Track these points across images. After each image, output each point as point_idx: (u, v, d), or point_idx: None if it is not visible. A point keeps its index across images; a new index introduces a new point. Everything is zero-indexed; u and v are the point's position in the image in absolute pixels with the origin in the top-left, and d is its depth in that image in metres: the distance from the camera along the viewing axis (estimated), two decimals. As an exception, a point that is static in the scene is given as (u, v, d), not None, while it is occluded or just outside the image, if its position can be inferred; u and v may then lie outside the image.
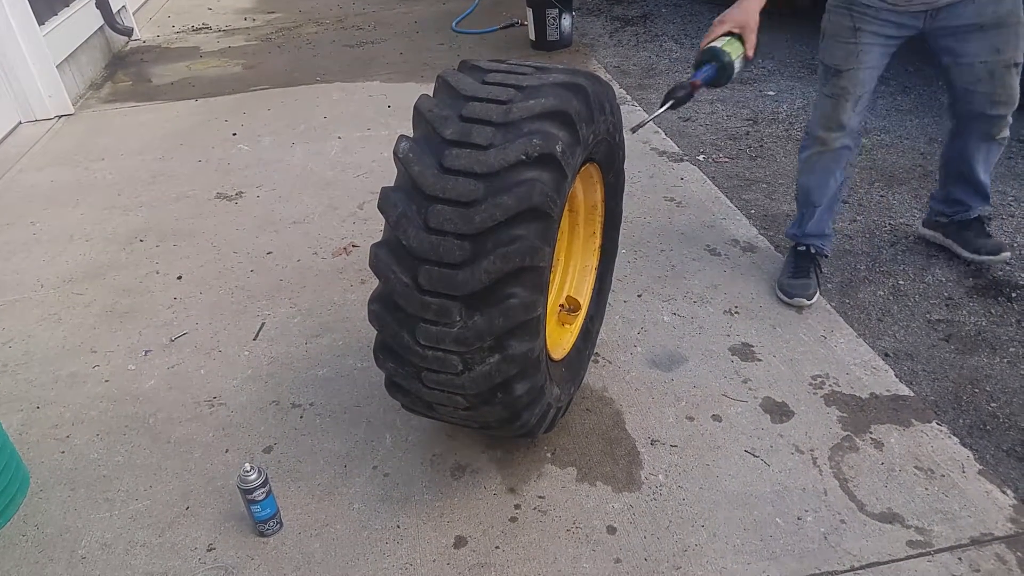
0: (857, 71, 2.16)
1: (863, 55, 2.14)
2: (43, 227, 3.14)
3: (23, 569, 1.70)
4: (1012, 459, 1.85)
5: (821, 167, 2.34)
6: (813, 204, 2.40)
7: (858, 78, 2.17)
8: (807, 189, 2.40)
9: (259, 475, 1.66)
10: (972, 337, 2.25)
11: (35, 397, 2.20)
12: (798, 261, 2.44)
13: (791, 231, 2.52)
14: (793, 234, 2.50)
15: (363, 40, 5.40)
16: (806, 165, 2.38)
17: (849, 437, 1.89)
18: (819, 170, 2.34)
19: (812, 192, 2.38)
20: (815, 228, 2.44)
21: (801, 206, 2.46)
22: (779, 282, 2.43)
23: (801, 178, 2.42)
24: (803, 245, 2.46)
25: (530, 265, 1.42)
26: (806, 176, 2.39)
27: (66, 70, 4.46)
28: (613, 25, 5.46)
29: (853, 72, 2.16)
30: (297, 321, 2.45)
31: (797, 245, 2.48)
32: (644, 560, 1.62)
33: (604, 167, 1.83)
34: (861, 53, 2.14)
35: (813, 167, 2.35)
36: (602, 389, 2.09)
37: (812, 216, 2.43)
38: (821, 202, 2.39)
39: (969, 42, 2.07)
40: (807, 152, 2.36)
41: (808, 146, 2.36)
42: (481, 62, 1.65)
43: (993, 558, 1.58)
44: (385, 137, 3.73)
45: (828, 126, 2.26)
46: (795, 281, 2.38)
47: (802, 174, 2.41)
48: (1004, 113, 2.19)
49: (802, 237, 2.46)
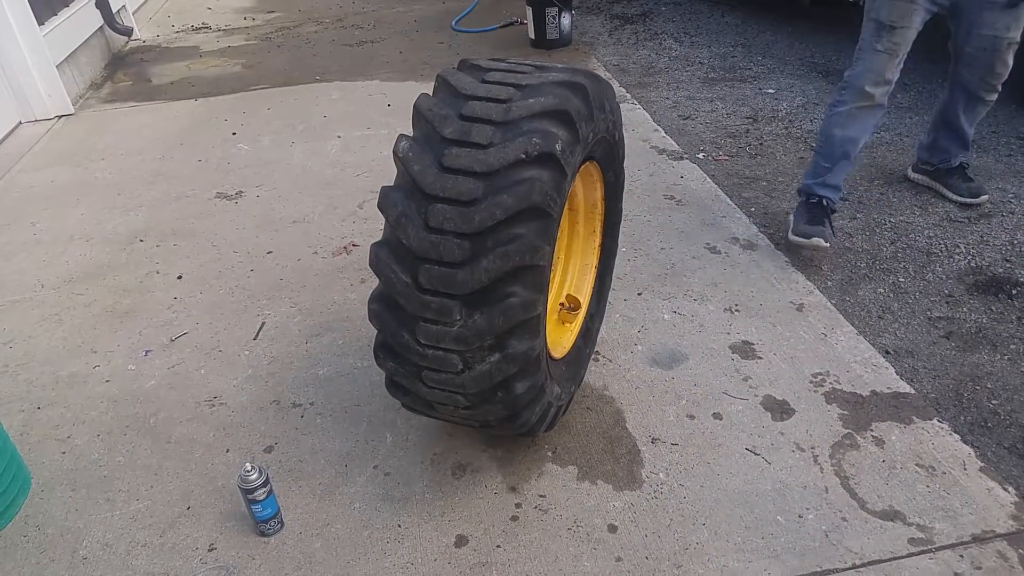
0: (908, 30, 2.36)
1: (915, 16, 2.35)
2: (43, 227, 3.14)
3: (24, 570, 1.70)
4: (1013, 456, 1.85)
5: (862, 121, 2.48)
6: (847, 156, 2.54)
7: (907, 36, 2.38)
8: (843, 141, 2.52)
9: (260, 475, 1.66)
10: (973, 334, 2.25)
11: (36, 398, 2.21)
12: (812, 211, 2.58)
13: (809, 183, 2.62)
14: (809, 186, 2.61)
15: (363, 39, 5.40)
16: (847, 118, 2.49)
17: (850, 435, 1.89)
18: (860, 123, 2.49)
19: (848, 144, 2.51)
20: (835, 179, 2.57)
21: (827, 159, 2.56)
22: (794, 229, 2.55)
23: (837, 131, 2.52)
24: (816, 197, 2.59)
25: (530, 264, 1.42)
26: (844, 129, 2.51)
27: (66, 70, 4.46)
28: (613, 23, 5.46)
29: (905, 30, 2.36)
30: (297, 320, 2.45)
31: (810, 198, 2.60)
32: (645, 559, 1.62)
33: (604, 165, 1.83)
34: (914, 14, 2.35)
35: (854, 120, 2.48)
36: (603, 387, 2.08)
37: (839, 168, 2.55)
38: (853, 154, 2.54)
39: (991, 15, 2.40)
40: (848, 106, 2.49)
41: (849, 100, 2.48)
42: (481, 61, 1.65)
43: (995, 555, 1.58)
44: (385, 136, 3.73)
45: (877, 80, 2.42)
46: (811, 226, 2.51)
47: (839, 127, 2.52)
48: (996, 82, 2.55)
49: (820, 188, 2.58)
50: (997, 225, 2.73)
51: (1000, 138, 3.32)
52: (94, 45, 5.04)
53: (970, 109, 2.69)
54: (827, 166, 2.56)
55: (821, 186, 2.58)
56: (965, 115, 2.70)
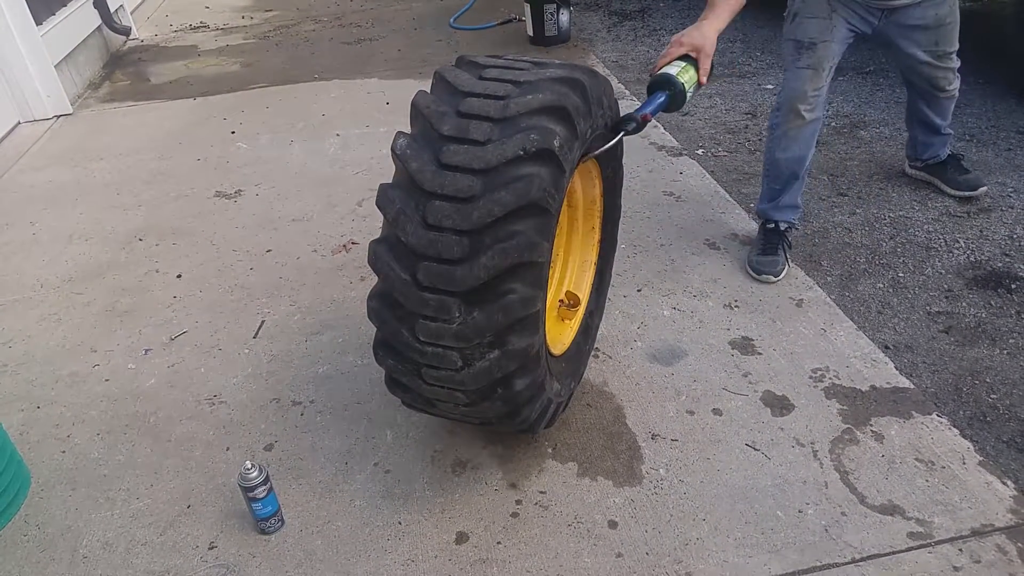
0: (830, 43, 2.33)
1: (835, 31, 2.33)
2: (42, 227, 3.14)
3: (25, 569, 1.70)
4: (1012, 450, 1.85)
5: (801, 140, 2.44)
6: (795, 176, 2.49)
7: (831, 50, 2.35)
8: (788, 162, 2.47)
9: (260, 473, 1.66)
10: (972, 329, 2.25)
11: (36, 397, 2.21)
12: (768, 238, 2.53)
13: (763, 208, 2.58)
14: (764, 210, 2.57)
15: (361, 37, 5.40)
16: (786, 140, 2.45)
17: (849, 430, 1.89)
18: (799, 143, 2.44)
19: (794, 164, 2.47)
20: (790, 200, 2.52)
21: (775, 181, 2.52)
22: (748, 259, 2.52)
23: (779, 153, 2.48)
24: (772, 222, 2.54)
25: (529, 261, 1.42)
26: (786, 151, 2.46)
27: (64, 70, 4.45)
28: (611, 20, 5.45)
29: (827, 44, 2.33)
30: (297, 319, 2.45)
31: (767, 222, 2.56)
32: (646, 554, 1.62)
33: (602, 162, 1.83)
34: (834, 29, 2.33)
35: (792, 141, 2.44)
36: (602, 384, 2.09)
37: (791, 189, 2.50)
38: (802, 172, 2.48)
39: (913, 38, 2.38)
40: (784, 127, 2.44)
41: (783, 121, 2.44)
42: (478, 57, 1.65)
43: (994, 549, 1.58)
44: (383, 134, 3.73)
45: (804, 98, 2.38)
46: (764, 258, 2.48)
47: (780, 150, 2.47)
48: (947, 85, 2.54)
49: (775, 212, 2.54)
50: (996, 219, 2.73)
51: (1000, 132, 3.32)
52: (92, 45, 5.03)
53: (933, 105, 2.67)
54: (777, 188, 2.51)
55: (775, 209, 2.53)
56: (931, 110, 2.68)
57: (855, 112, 3.64)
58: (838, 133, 3.46)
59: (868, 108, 3.62)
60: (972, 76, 3.84)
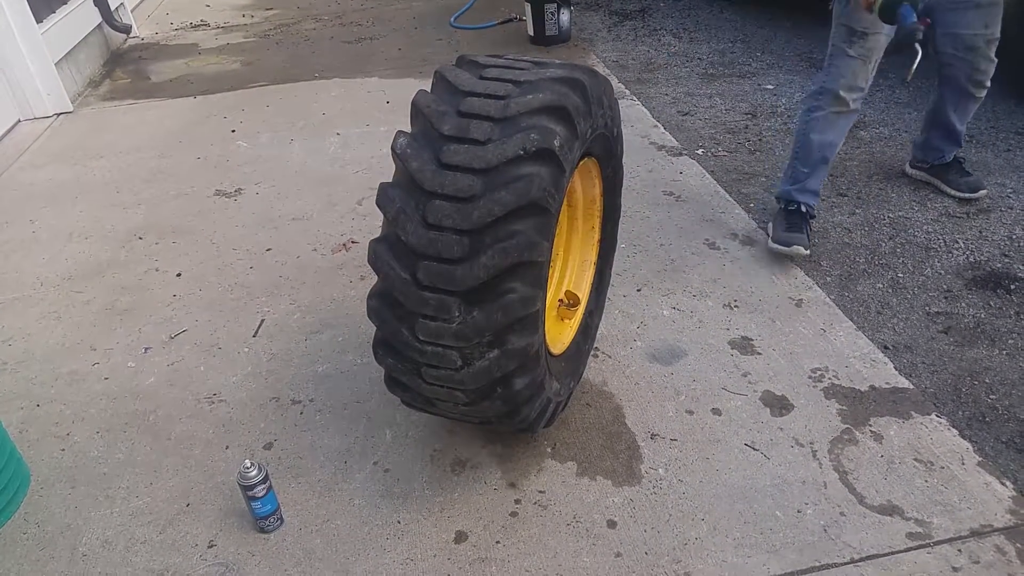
0: (880, 35, 2.34)
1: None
2: (42, 225, 3.14)
3: (24, 567, 1.70)
4: (1011, 451, 1.85)
5: (839, 126, 2.49)
6: (825, 160, 2.55)
7: (879, 42, 2.36)
8: (822, 146, 2.52)
9: (259, 471, 1.66)
10: (971, 329, 2.25)
11: (35, 395, 2.21)
12: (790, 218, 2.58)
13: (786, 189, 2.62)
14: (788, 191, 2.62)
15: (361, 36, 5.39)
16: (824, 123, 2.49)
17: (849, 430, 1.89)
18: (837, 128, 2.49)
19: (827, 149, 2.52)
20: (814, 185, 2.59)
21: (805, 164, 2.57)
22: (774, 236, 2.55)
23: (815, 136, 2.51)
24: (795, 203, 2.59)
25: (528, 260, 1.42)
26: (822, 134, 2.50)
27: (64, 68, 4.45)
28: (612, 20, 5.45)
29: (877, 36, 2.34)
30: (297, 318, 2.46)
31: (789, 204, 2.61)
32: (644, 554, 1.62)
33: (602, 161, 1.83)
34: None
35: (831, 126, 2.49)
36: (602, 383, 2.09)
37: (817, 173, 2.56)
38: (831, 158, 2.56)
39: (966, 16, 2.44)
40: (824, 111, 2.48)
41: (825, 105, 2.48)
42: (479, 57, 1.65)
43: (993, 549, 1.58)
44: (384, 133, 3.73)
45: (851, 86, 2.42)
46: (791, 234, 2.51)
47: (816, 132, 2.51)
48: (983, 79, 2.57)
49: (799, 194, 2.59)
50: (996, 220, 2.73)
51: (999, 133, 3.32)
52: (93, 43, 5.03)
53: (961, 107, 2.70)
54: (805, 171, 2.56)
55: (800, 192, 2.58)
56: (956, 114, 2.72)
57: (855, 112, 3.65)
58: (838, 133, 3.46)
59: (868, 108, 3.62)
60: (972, 77, 3.84)
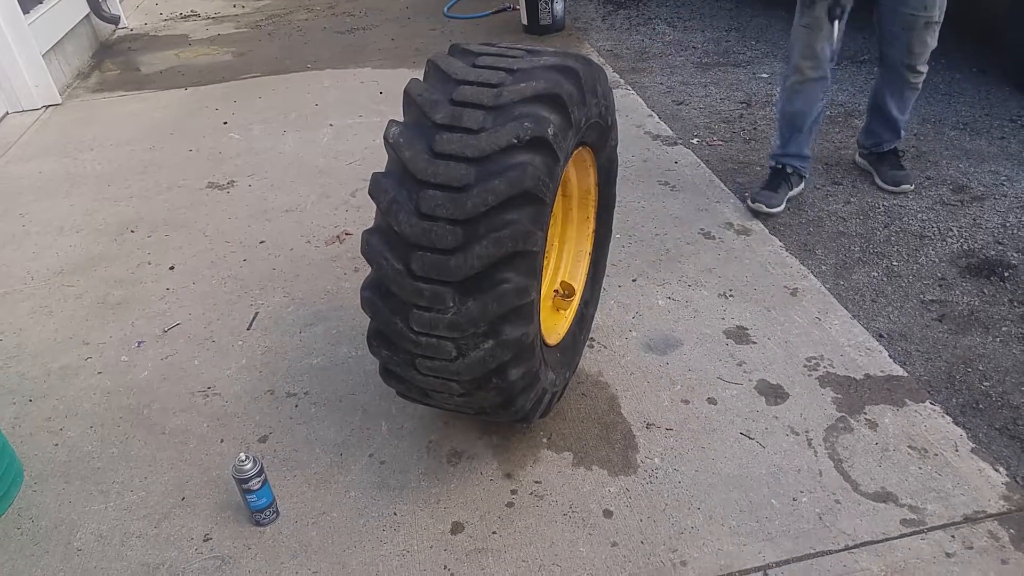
0: (824, 2, 2.42)
1: None
2: (32, 219, 3.11)
3: (19, 562, 1.69)
4: (1005, 437, 1.86)
5: (804, 95, 2.64)
6: (798, 128, 2.71)
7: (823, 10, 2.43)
8: (791, 116, 2.70)
9: (254, 464, 1.66)
10: (965, 317, 2.26)
11: (27, 390, 2.19)
12: (772, 176, 2.80)
13: (773, 153, 2.84)
14: (774, 155, 2.83)
15: (354, 27, 5.36)
16: (790, 93, 2.67)
17: (843, 418, 1.89)
18: (803, 97, 2.64)
19: (797, 118, 2.69)
20: (796, 150, 2.76)
21: (783, 131, 2.76)
22: (750, 193, 2.76)
23: (784, 105, 2.72)
24: (780, 163, 2.79)
25: (523, 250, 1.41)
26: (790, 104, 2.69)
27: (52, 59, 4.41)
28: (606, 8, 5.42)
29: (823, 4, 2.43)
30: (291, 310, 2.44)
31: (776, 164, 2.81)
32: (640, 543, 1.62)
33: (597, 150, 1.82)
34: None
35: (796, 95, 2.65)
36: (597, 374, 2.09)
37: (795, 140, 2.72)
38: (803, 127, 2.71)
39: None
40: (788, 81, 2.66)
41: (788, 75, 2.65)
42: (472, 45, 1.63)
43: (986, 535, 1.59)
44: (377, 124, 3.71)
45: (804, 55, 2.56)
46: (763, 191, 2.73)
47: (785, 102, 2.71)
48: (917, 63, 2.61)
49: (783, 157, 2.79)
50: (989, 208, 2.74)
51: (993, 121, 3.32)
52: (81, 34, 4.98)
53: (897, 94, 2.73)
54: (786, 136, 2.75)
55: (783, 156, 2.78)
56: (893, 100, 2.75)
57: (850, 101, 3.64)
58: (833, 122, 3.45)
59: (863, 97, 3.62)
60: (966, 64, 3.84)
